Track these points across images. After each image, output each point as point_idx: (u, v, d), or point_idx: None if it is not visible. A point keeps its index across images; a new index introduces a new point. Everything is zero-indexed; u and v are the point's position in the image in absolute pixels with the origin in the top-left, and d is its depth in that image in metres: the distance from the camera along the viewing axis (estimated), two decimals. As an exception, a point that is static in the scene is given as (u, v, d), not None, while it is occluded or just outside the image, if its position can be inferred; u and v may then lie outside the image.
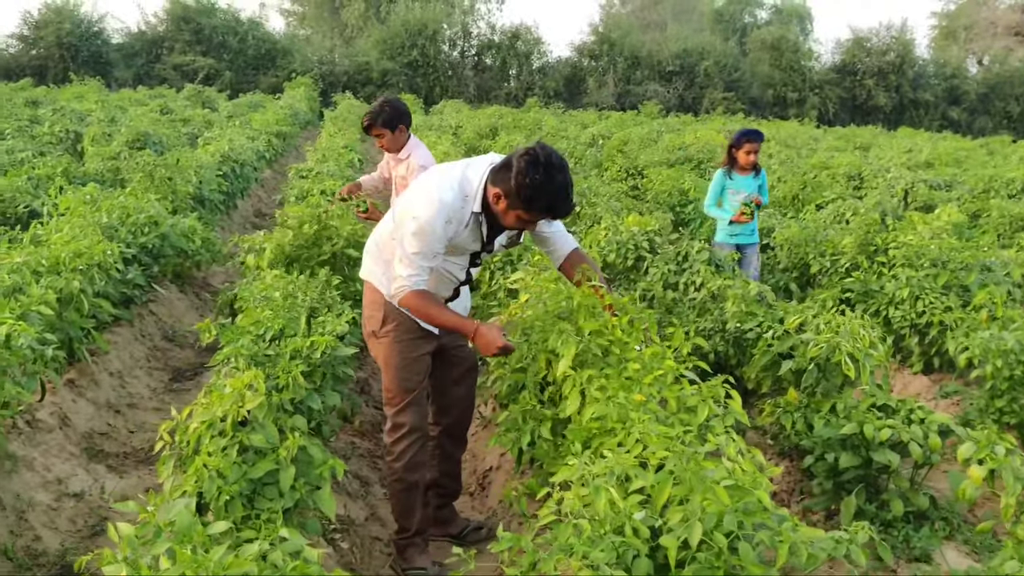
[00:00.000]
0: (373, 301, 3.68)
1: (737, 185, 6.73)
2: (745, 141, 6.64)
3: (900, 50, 36.97)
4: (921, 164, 15.10)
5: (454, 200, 3.31)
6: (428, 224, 3.27)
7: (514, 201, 3.24)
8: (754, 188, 6.73)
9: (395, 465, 3.69)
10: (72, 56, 33.77)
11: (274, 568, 2.11)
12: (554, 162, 3.19)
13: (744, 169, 6.71)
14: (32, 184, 8.15)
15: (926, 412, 3.88)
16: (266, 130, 15.67)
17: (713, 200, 6.82)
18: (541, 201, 3.21)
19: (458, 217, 3.33)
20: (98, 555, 2.16)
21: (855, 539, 2.39)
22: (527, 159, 3.19)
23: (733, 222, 6.64)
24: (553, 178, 3.18)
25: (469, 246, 3.50)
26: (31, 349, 4.07)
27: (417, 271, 3.33)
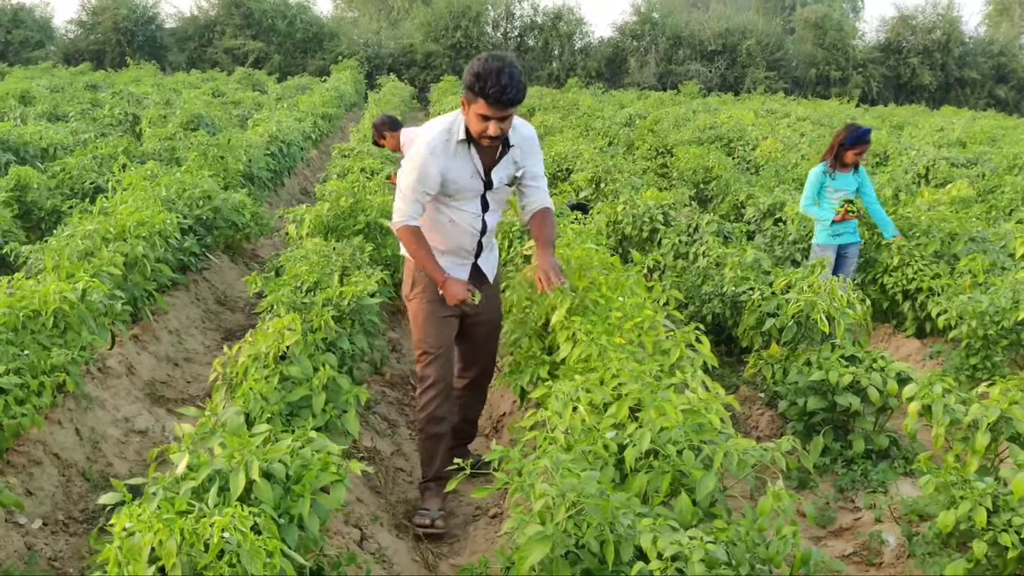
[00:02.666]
0: (408, 268, 4.05)
1: (838, 184, 6.32)
2: (858, 143, 6.20)
3: (946, 28, 36.51)
4: (953, 142, 15.24)
5: (438, 134, 3.71)
6: (416, 156, 3.69)
7: (466, 95, 3.57)
8: (854, 186, 6.37)
9: (420, 416, 4.10)
10: (128, 41, 34.92)
11: (303, 457, 2.68)
12: (493, 55, 3.56)
13: (846, 167, 6.32)
14: (96, 162, 8.86)
15: (887, 361, 4.34)
16: (312, 112, 16.32)
17: (810, 199, 6.36)
18: (479, 83, 3.47)
19: (443, 148, 3.70)
20: (167, 447, 2.75)
21: (779, 448, 2.89)
22: (474, 58, 3.61)
23: (836, 222, 6.21)
24: (488, 63, 3.50)
25: (468, 182, 3.80)
26: (103, 303, 4.70)
27: (409, 205, 3.73)
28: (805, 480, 4.35)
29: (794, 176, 10.96)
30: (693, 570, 2.25)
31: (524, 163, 3.91)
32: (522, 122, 3.89)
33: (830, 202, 6.28)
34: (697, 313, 6.01)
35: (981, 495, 3.01)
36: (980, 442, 3.41)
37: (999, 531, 2.94)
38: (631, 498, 2.82)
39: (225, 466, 2.55)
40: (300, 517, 2.57)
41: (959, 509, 3.00)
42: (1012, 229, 6.94)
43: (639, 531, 2.39)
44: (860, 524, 4.01)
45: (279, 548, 2.30)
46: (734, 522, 2.73)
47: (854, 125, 6.40)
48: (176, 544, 2.15)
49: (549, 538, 2.36)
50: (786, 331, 4.79)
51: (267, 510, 2.45)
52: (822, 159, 6.43)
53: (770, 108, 22.13)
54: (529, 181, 3.97)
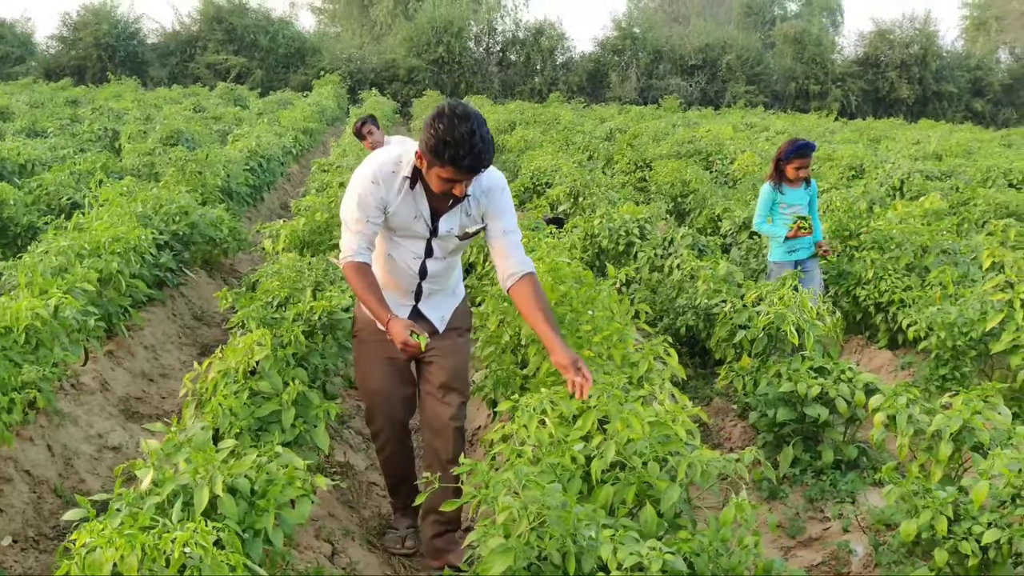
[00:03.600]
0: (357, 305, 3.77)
1: (789, 199, 6.20)
2: (795, 157, 6.09)
3: (923, 42, 36.96)
4: (929, 155, 15.41)
5: (383, 164, 3.36)
6: (357, 185, 3.36)
7: (428, 156, 3.20)
8: (806, 200, 6.25)
9: (378, 457, 3.97)
10: (109, 56, 34.86)
11: (269, 472, 2.69)
12: (458, 113, 3.13)
13: (792, 181, 6.20)
14: (74, 178, 8.85)
15: (855, 373, 4.39)
16: (293, 127, 16.35)
17: (763, 216, 6.25)
18: (447, 152, 3.11)
19: (387, 180, 3.34)
20: (133, 463, 2.75)
21: (742, 459, 2.92)
22: (433, 113, 3.19)
23: (789, 238, 6.09)
24: (455, 127, 3.09)
25: (411, 223, 3.42)
26: (76, 320, 4.69)
27: (353, 238, 3.37)
28: (775, 491, 4.39)
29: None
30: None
31: (487, 218, 3.49)
32: (487, 172, 3.39)
33: (784, 218, 6.16)
34: (671, 326, 6.05)
35: (942, 504, 3.05)
36: (943, 452, 3.46)
37: (959, 539, 2.99)
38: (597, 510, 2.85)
39: (190, 481, 2.56)
40: (265, 532, 2.58)
41: (920, 518, 3.04)
42: (982, 241, 7.03)
43: (601, 543, 2.42)
44: (829, 534, 4.05)
45: (242, 562, 2.31)
46: (699, 532, 2.76)
47: (794, 139, 6.30)
48: (138, 559, 2.16)
49: (511, 550, 2.38)
50: (756, 343, 4.84)
51: (231, 525, 2.46)
52: (768, 177, 6.32)
53: (749, 122, 22.32)
54: (500, 237, 3.49)
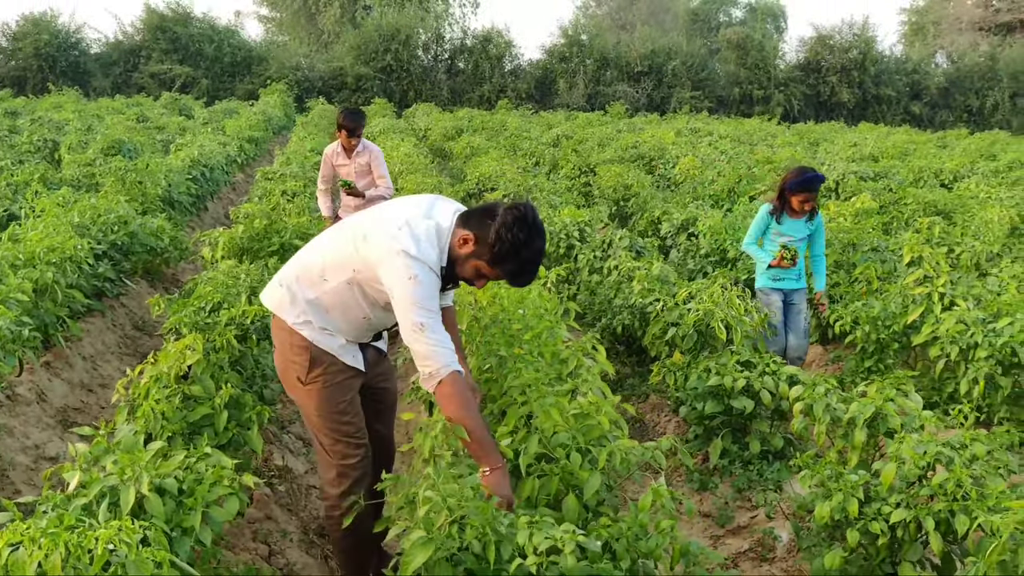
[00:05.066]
0: (294, 344, 3.22)
1: (786, 229, 5.71)
2: (800, 190, 5.53)
3: (862, 47, 37.80)
4: (865, 157, 15.81)
5: (436, 257, 3.02)
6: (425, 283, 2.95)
7: (484, 251, 2.98)
8: (805, 234, 5.74)
9: (346, 521, 3.18)
10: (50, 67, 34.20)
11: (197, 472, 2.74)
12: (539, 226, 2.99)
13: (796, 212, 5.67)
14: (11, 190, 8.73)
15: (779, 366, 4.54)
16: (238, 136, 16.26)
17: (753, 239, 5.78)
18: (512, 263, 2.98)
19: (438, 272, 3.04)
20: (60, 467, 2.78)
21: (660, 446, 3.03)
22: (515, 214, 2.95)
23: (772, 266, 5.66)
24: (533, 242, 2.97)
25: None
26: (9, 330, 4.67)
27: (439, 340, 2.94)
28: (705, 482, 4.53)
29: (710, 193, 11.30)
30: (566, 561, 2.37)
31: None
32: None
33: (773, 245, 5.73)
34: (609, 325, 6.18)
35: (853, 487, 3.19)
36: (858, 438, 3.61)
37: (869, 520, 3.13)
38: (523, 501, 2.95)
39: (117, 482, 2.60)
40: (193, 530, 2.62)
41: (832, 500, 3.18)
42: (909, 238, 7.27)
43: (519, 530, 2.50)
44: (756, 522, 4.19)
45: (168, 559, 2.35)
46: (620, 519, 2.86)
47: (801, 169, 5.66)
48: (61, 558, 2.20)
49: (432, 542, 2.45)
50: (687, 339, 4.98)
51: (158, 523, 2.51)
52: (770, 200, 5.80)
53: (694, 127, 22.65)
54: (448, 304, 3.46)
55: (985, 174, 13.15)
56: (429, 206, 3.15)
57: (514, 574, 2.40)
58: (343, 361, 3.24)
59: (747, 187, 10.94)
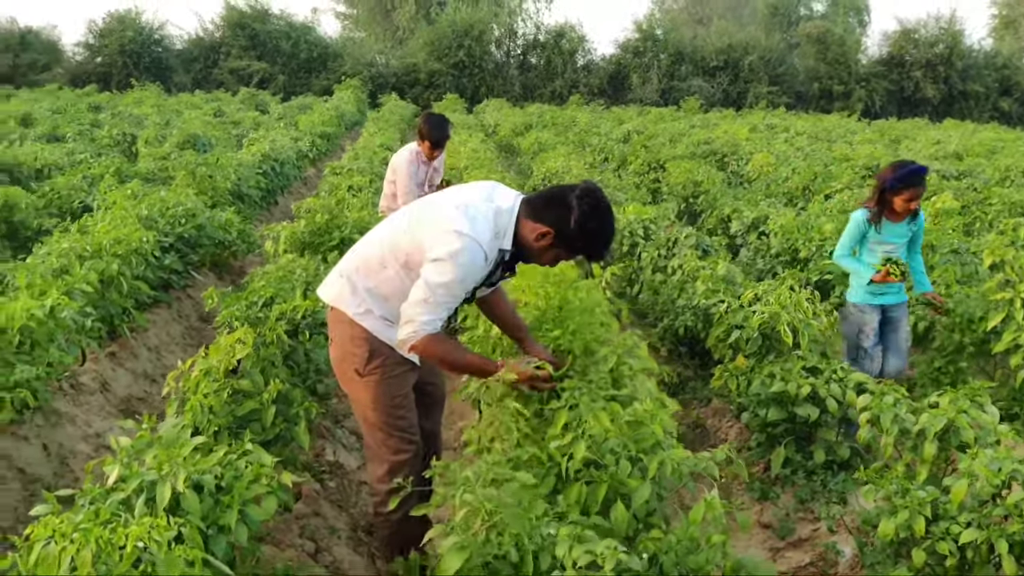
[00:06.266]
0: (353, 336, 3.23)
1: (886, 235, 5.00)
2: (905, 187, 4.81)
3: (949, 41, 36.55)
4: (949, 155, 15.22)
5: (491, 239, 3.04)
6: (468, 263, 2.98)
7: (564, 241, 3.07)
8: (907, 238, 5.07)
9: (392, 518, 3.27)
10: (134, 63, 35.29)
11: (236, 468, 2.70)
12: (609, 205, 3.11)
13: (898, 215, 4.97)
14: (87, 182, 8.96)
15: (846, 372, 4.33)
16: (311, 131, 16.45)
17: (848, 249, 5.10)
18: (595, 246, 3.11)
19: (491, 255, 3.06)
20: (102, 460, 2.78)
21: (714, 458, 2.89)
22: (590, 203, 3.02)
23: (875, 282, 4.95)
24: (607, 225, 3.10)
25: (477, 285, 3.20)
26: (73, 320, 4.75)
27: (439, 315, 3.04)
28: (767, 492, 4.35)
29: (784, 190, 10.99)
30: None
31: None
32: None
33: (872, 255, 5.04)
34: (671, 326, 6.02)
35: (921, 503, 3.01)
36: (928, 451, 3.41)
37: (937, 539, 2.94)
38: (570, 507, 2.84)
39: (155, 477, 2.58)
40: (229, 528, 2.58)
41: (898, 517, 3.00)
42: (992, 240, 6.93)
43: (559, 540, 2.40)
44: (818, 535, 4.01)
45: (200, 557, 2.32)
46: (671, 532, 2.74)
47: (900, 162, 5.00)
48: (92, 554, 2.18)
49: (467, 548, 2.37)
50: (751, 343, 4.80)
51: (193, 520, 2.47)
52: (865, 203, 5.09)
53: (770, 123, 22.17)
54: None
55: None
56: (490, 190, 3.19)
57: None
58: (400, 354, 3.24)
59: (822, 185, 10.60)
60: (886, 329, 5.10)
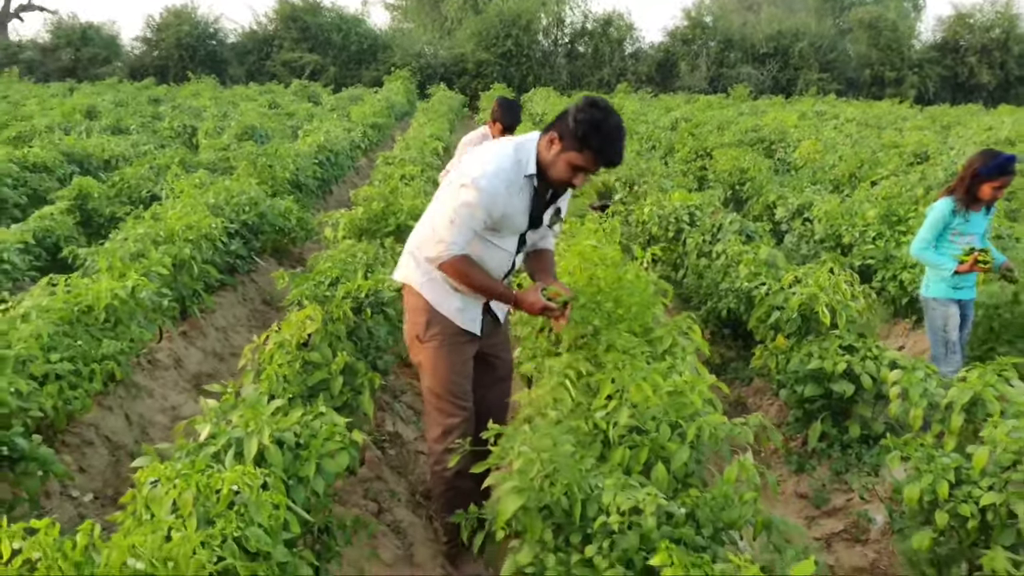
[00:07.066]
0: (416, 307, 3.59)
1: (969, 226, 4.98)
2: (998, 175, 4.81)
3: (1005, 26, 35.82)
4: (1001, 141, 15.07)
5: (512, 166, 3.34)
6: (488, 188, 3.29)
7: (569, 141, 3.26)
8: (983, 228, 5.09)
9: (446, 474, 3.58)
10: (190, 56, 36.13)
11: (312, 428, 3.01)
12: (610, 106, 3.28)
13: (978, 203, 4.97)
14: (153, 172, 9.40)
15: (881, 351, 4.52)
16: (363, 122, 16.83)
17: (928, 242, 5.01)
18: (595, 139, 3.21)
19: (514, 181, 3.35)
20: (193, 419, 3.10)
21: (748, 424, 3.12)
22: (585, 100, 3.28)
23: (961, 272, 4.91)
24: (609, 117, 3.23)
25: (519, 220, 3.46)
26: (151, 300, 5.11)
27: (463, 236, 3.34)
28: (803, 464, 4.56)
29: (830, 177, 11.07)
30: (647, 523, 2.51)
31: (562, 205, 3.68)
32: None
33: (952, 247, 4.97)
34: (714, 308, 6.23)
35: (944, 469, 3.21)
36: (955, 422, 3.59)
37: (959, 502, 3.13)
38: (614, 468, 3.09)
39: (242, 434, 2.88)
40: (307, 479, 2.88)
41: (922, 481, 3.20)
42: (1040, 227, 7.01)
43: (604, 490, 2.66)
44: (851, 504, 4.21)
45: (284, 503, 2.62)
46: (707, 490, 2.98)
47: (991, 151, 5.01)
48: (192, 496, 2.48)
49: (524, 492, 2.63)
50: (790, 323, 4.99)
51: (277, 472, 2.77)
52: (948, 191, 5.04)
53: (819, 110, 22.07)
54: (556, 226, 3.77)
55: None
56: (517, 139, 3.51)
57: (597, 531, 2.56)
58: (457, 324, 3.55)
59: (869, 172, 10.67)
60: (963, 326, 5.10)
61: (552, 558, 2.58)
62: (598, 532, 2.58)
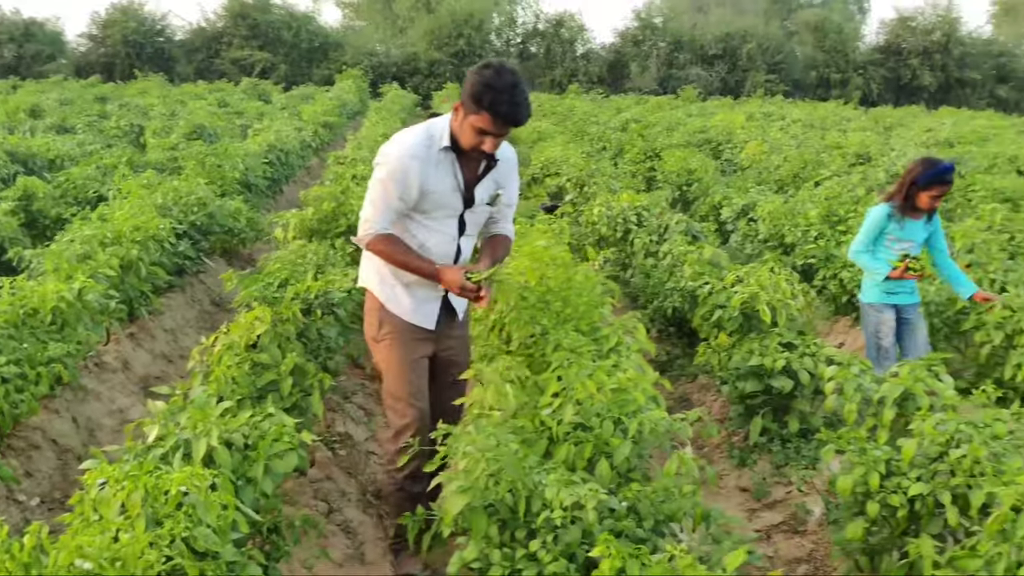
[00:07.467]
0: (369, 307, 3.68)
1: (905, 233, 5.02)
2: (936, 183, 4.84)
3: (946, 29, 36.82)
4: (940, 142, 15.50)
5: (420, 139, 3.39)
6: (392, 161, 3.37)
7: (467, 104, 3.26)
8: (923, 237, 5.09)
9: (397, 475, 3.64)
10: (137, 53, 35.61)
11: (261, 429, 3.04)
12: (506, 67, 3.28)
13: (917, 212, 5.00)
14: (100, 172, 9.28)
15: (819, 347, 4.67)
16: (314, 121, 16.75)
17: (865, 245, 5.09)
18: (488, 97, 3.19)
19: (424, 155, 3.36)
20: (141, 421, 3.12)
21: (687, 419, 3.23)
22: (479, 64, 3.32)
23: (892, 278, 4.97)
24: (502, 76, 3.22)
25: (448, 197, 3.46)
26: (98, 302, 5.08)
27: (382, 213, 3.41)
28: (745, 458, 4.70)
29: (775, 178, 11.30)
30: (588, 517, 2.60)
31: (503, 185, 3.65)
32: (505, 143, 3.57)
33: (888, 252, 5.04)
34: (660, 307, 6.36)
35: (875, 461, 3.34)
36: (887, 416, 3.73)
37: (889, 492, 3.27)
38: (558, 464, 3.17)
39: (190, 435, 2.91)
40: (256, 480, 2.92)
41: (854, 473, 3.33)
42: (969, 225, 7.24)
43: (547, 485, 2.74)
44: (790, 497, 4.35)
45: (233, 503, 2.65)
46: (649, 484, 3.08)
47: (931, 160, 5.01)
48: (141, 497, 2.51)
49: (469, 491, 2.70)
50: (732, 321, 5.13)
51: (225, 472, 2.81)
52: (887, 198, 5.10)
53: (766, 111, 22.44)
54: (503, 207, 3.71)
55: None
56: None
57: (540, 526, 2.64)
58: (410, 322, 3.60)
59: (813, 173, 10.92)
60: (903, 331, 5.11)
61: (497, 554, 2.66)
62: (542, 527, 2.66)
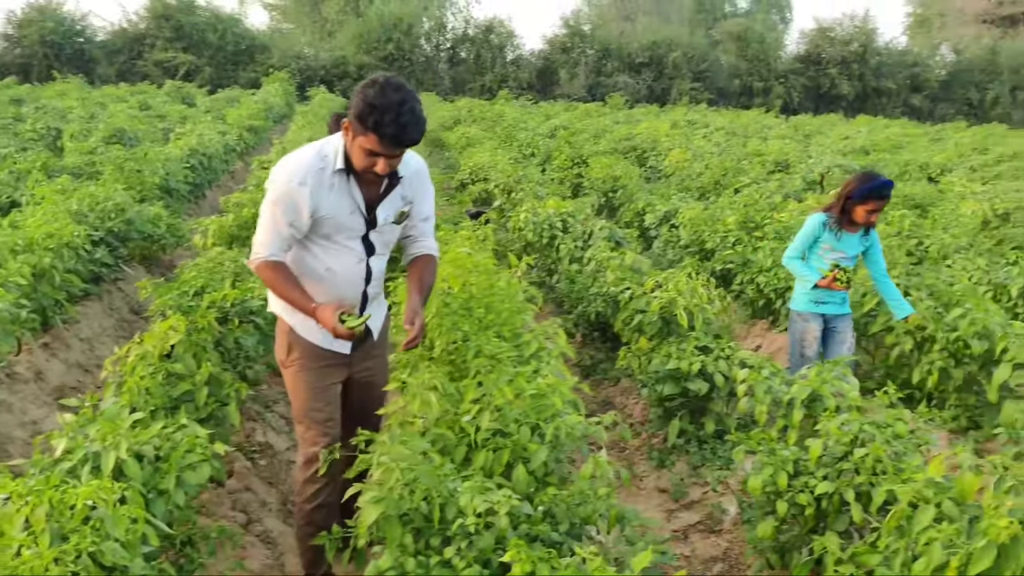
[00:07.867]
0: (280, 330, 3.49)
1: (841, 245, 5.06)
2: (872, 198, 4.87)
3: (863, 39, 38.05)
4: (856, 150, 16.01)
5: (311, 161, 3.17)
6: (280, 186, 3.17)
7: (355, 125, 3.05)
8: (858, 251, 5.13)
9: (306, 507, 3.49)
10: (55, 54, 34.52)
11: (173, 440, 3.00)
12: (391, 83, 3.04)
13: (855, 226, 5.03)
14: (13, 177, 8.99)
15: (733, 351, 4.79)
16: (239, 124, 16.49)
17: (799, 252, 5.12)
18: (373, 116, 2.97)
19: (314, 178, 3.15)
20: (49, 434, 3.05)
21: (602, 422, 3.29)
22: (365, 82, 3.09)
23: (820, 287, 5.03)
24: (386, 94, 2.98)
25: (346, 219, 3.25)
26: (8, 312, 4.94)
27: (271, 238, 3.22)
28: (663, 459, 4.79)
29: (697, 185, 11.53)
30: (501, 522, 2.63)
31: (413, 199, 3.42)
32: (412, 154, 3.36)
33: (821, 261, 5.09)
34: (584, 312, 6.44)
35: (784, 461, 3.45)
36: (796, 417, 3.85)
37: (797, 492, 3.38)
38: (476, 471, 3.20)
39: (99, 448, 2.86)
40: (168, 492, 2.88)
41: (764, 473, 3.43)
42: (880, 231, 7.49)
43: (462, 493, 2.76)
44: (707, 497, 4.45)
45: (143, 516, 2.62)
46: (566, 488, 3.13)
47: (869, 175, 5.02)
48: (45, 512, 2.46)
49: (383, 500, 2.71)
50: (651, 325, 5.23)
51: (135, 485, 2.77)
52: (825, 208, 5.14)
53: (691, 119, 22.86)
54: (418, 222, 3.50)
55: (973, 168, 13.38)
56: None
57: (455, 533, 2.66)
58: (321, 346, 3.39)
59: (733, 180, 11.16)
60: (829, 341, 5.16)
61: (412, 561, 2.67)
62: (456, 534, 2.68)
